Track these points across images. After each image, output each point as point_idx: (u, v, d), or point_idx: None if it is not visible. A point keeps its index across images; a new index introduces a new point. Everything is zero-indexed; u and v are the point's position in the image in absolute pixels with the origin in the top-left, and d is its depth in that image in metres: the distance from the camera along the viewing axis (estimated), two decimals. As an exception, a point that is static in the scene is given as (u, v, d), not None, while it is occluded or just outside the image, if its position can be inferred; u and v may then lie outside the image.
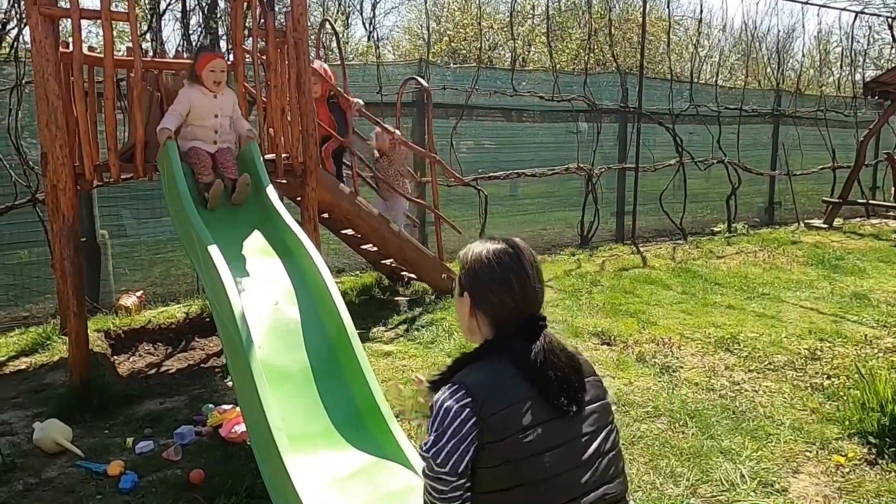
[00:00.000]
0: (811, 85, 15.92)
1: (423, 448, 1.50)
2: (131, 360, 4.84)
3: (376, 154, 6.06)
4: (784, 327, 5.15)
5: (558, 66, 10.89)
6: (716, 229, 9.83)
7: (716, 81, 10.68)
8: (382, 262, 6.26)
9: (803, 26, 26.16)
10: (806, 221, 10.58)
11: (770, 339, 4.86)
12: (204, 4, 9.67)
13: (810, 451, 3.25)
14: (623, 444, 3.24)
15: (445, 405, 1.47)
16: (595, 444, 1.52)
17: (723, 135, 9.68)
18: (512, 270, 1.56)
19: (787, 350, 4.66)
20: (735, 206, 9.90)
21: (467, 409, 1.44)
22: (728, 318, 5.44)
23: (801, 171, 11.07)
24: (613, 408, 1.64)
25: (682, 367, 4.35)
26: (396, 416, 2.80)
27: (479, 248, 1.60)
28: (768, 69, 12.57)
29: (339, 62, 6.38)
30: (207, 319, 5.29)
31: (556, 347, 1.56)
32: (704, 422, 3.53)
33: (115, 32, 4.65)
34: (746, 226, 9.95)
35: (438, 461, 1.45)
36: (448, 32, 17.65)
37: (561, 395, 1.49)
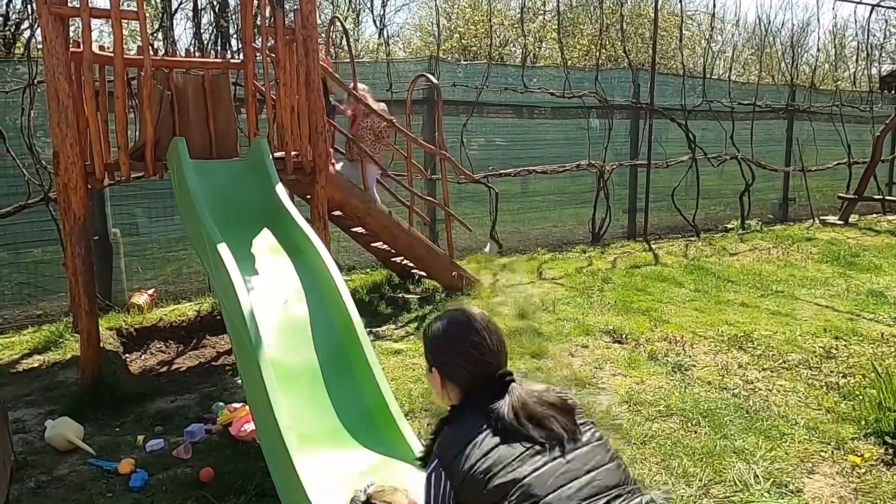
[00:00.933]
0: (826, 80, 15.73)
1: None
2: (143, 357, 4.86)
3: (349, 113, 5.98)
4: (798, 325, 5.09)
5: (569, 62, 10.82)
6: (729, 226, 9.74)
7: (729, 77, 10.58)
8: (393, 259, 6.26)
9: (818, 20, 25.83)
10: (821, 218, 10.47)
11: (784, 338, 4.80)
12: (215, 3, 9.71)
13: (825, 452, 3.20)
14: (634, 444, 3.23)
15: (427, 480, 1.59)
16: (569, 464, 1.53)
17: (736, 131, 9.59)
18: (464, 333, 1.67)
19: (801, 348, 4.60)
20: (749, 203, 9.80)
21: (440, 471, 1.56)
22: (741, 315, 5.38)
23: (816, 166, 10.95)
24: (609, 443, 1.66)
25: (694, 366, 4.30)
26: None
27: (435, 322, 1.74)
28: (782, 64, 12.43)
29: (349, 59, 6.38)
30: (218, 317, 5.30)
31: (530, 397, 1.60)
32: (717, 421, 3.49)
33: (127, 31, 4.67)
34: (760, 222, 9.86)
35: None
36: (459, 29, 17.63)
37: (537, 436, 1.54)
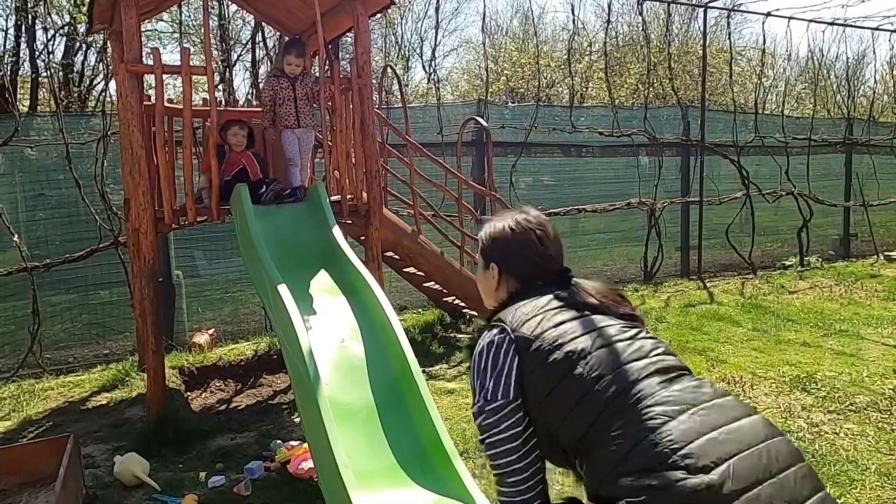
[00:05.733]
0: (885, 111, 15.31)
1: (474, 411, 1.51)
2: (203, 395, 5.01)
3: None
4: (865, 366, 4.89)
5: (617, 100, 10.87)
6: (787, 263, 9.47)
7: (782, 111, 10.43)
8: (444, 299, 6.31)
9: (874, 52, 25.19)
10: (886, 254, 10.09)
11: (850, 379, 4.62)
12: (272, 55, 10.16)
13: (900, 499, 3.06)
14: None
15: (480, 347, 1.53)
16: (641, 342, 1.51)
17: (792, 165, 9.39)
18: (529, 226, 1.66)
19: (869, 390, 4.42)
20: (808, 239, 9.53)
21: (506, 341, 1.49)
22: (803, 355, 5.20)
23: (878, 200, 10.61)
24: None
25: (755, 408, 4.17)
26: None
27: (497, 221, 1.72)
28: (838, 97, 12.17)
29: (400, 105, 6.58)
30: (275, 356, 5.44)
31: (590, 286, 1.62)
32: (781, 465, 3.37)
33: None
34: (820, 259, 9.56)
35: (489, 397, 1.47)
36: (506, 72, 17.91)
37: (604, 313, 1.55)
